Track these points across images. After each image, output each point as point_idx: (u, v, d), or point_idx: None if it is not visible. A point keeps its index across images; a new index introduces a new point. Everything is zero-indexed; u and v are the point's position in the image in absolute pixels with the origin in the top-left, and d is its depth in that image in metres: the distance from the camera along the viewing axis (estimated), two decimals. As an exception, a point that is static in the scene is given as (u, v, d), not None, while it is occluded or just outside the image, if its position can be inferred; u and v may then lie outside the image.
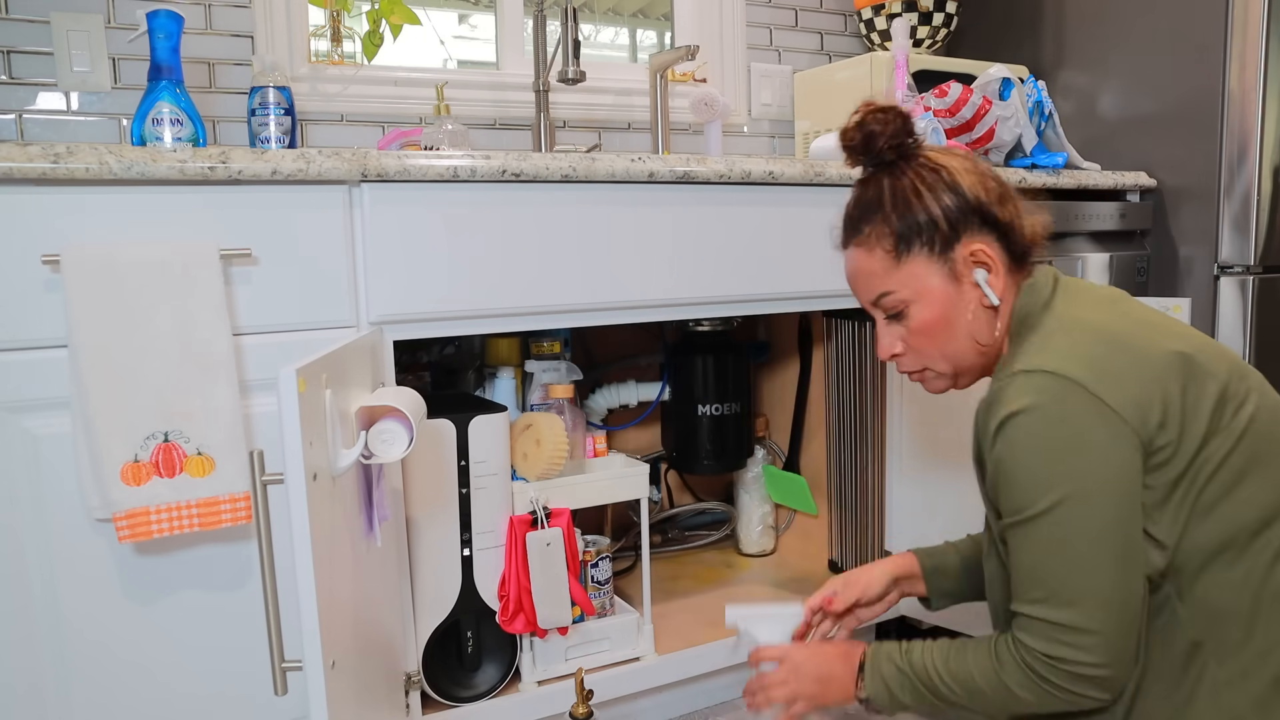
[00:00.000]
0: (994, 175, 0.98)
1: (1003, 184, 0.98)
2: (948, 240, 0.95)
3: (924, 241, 0.96)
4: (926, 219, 0.95)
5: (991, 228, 0.96)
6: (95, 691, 1.08)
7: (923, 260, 0.96)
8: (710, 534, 2.00)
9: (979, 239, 0.96)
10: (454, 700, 1.31)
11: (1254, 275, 1.72)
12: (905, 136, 0.98)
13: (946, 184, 0.95)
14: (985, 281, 0.96)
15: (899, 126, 0.97)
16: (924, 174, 0.96)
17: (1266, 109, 1.67)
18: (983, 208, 0.95)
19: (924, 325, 0.98)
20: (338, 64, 1.73)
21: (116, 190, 1.04)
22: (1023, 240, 0.98)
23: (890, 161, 0.99)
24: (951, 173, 0.96)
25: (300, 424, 0.82)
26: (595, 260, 1.31)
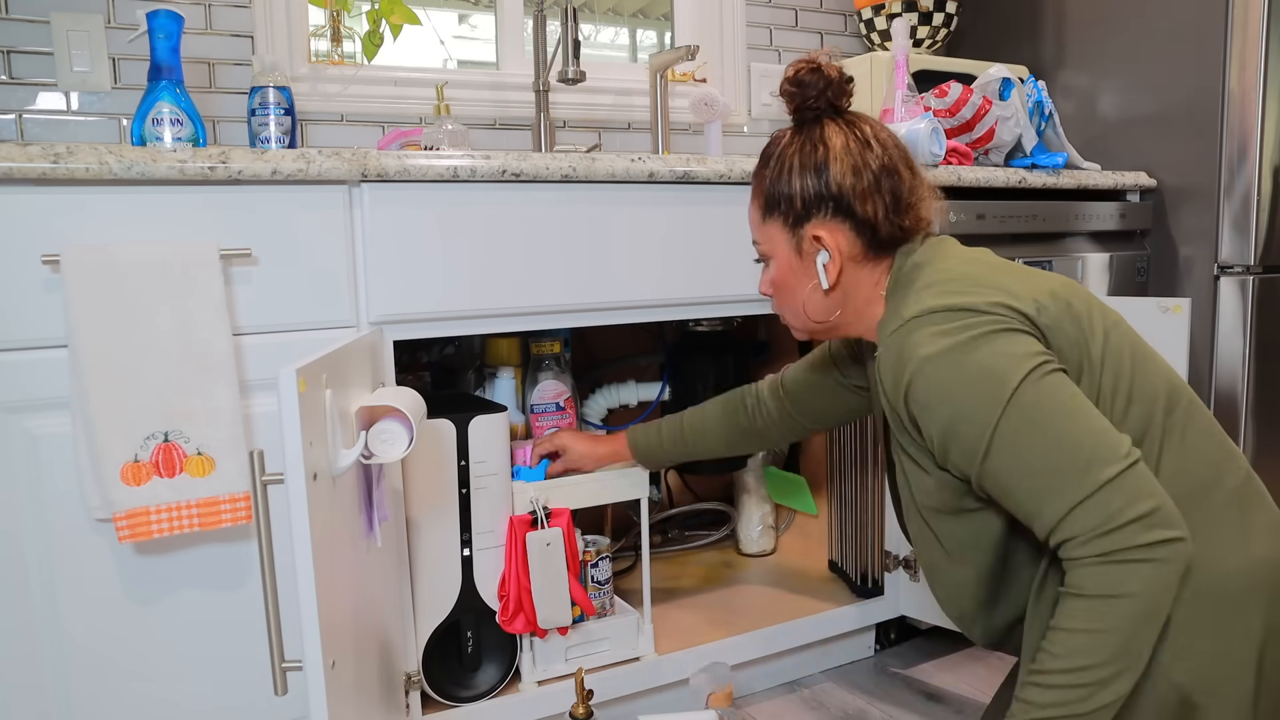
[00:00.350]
0: (878, 165, 1.00)
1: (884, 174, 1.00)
2: (799, 218, 1.01)
3: (781, 212, 1.03)
4: (786, 192, 1.01)
5: (846, 216, 1.00)
6: (95, 691, 1.08)
7: (778, 226, 1.04)
8: (710, 534, 2.00)
9: (827, 225, 1.00)
10: (454, 700, 1.31)
11: (1254, 275, 1.72)
12: (821, 101, 1.02)
13: (816, 165, 1.00)
14: (822, 266, 1.01)
15: (816, 92, 1.01)
16: (808, 147, 1.01)
17: (1266, 109, 1.67)
18: (840, 197, 0.99)
19: (774, 281, 1.07)
20: (338, 64, 1.73)
21: (116, 190, 1.04)
22: (888, 232, 1.00)
23: (810, 119, 1.03)
24: (827, 153, 0.99)
25: (300, 424, 0.82)
26: (595, 260, 1.31)
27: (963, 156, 1.65)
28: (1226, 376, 1.75)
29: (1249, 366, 1.74)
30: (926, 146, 1.52)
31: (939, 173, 1.55)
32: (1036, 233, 1.71)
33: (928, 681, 1.58)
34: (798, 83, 1.02)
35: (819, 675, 1.61)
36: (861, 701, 1.52)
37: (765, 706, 1.52)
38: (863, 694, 1.54)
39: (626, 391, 1.81)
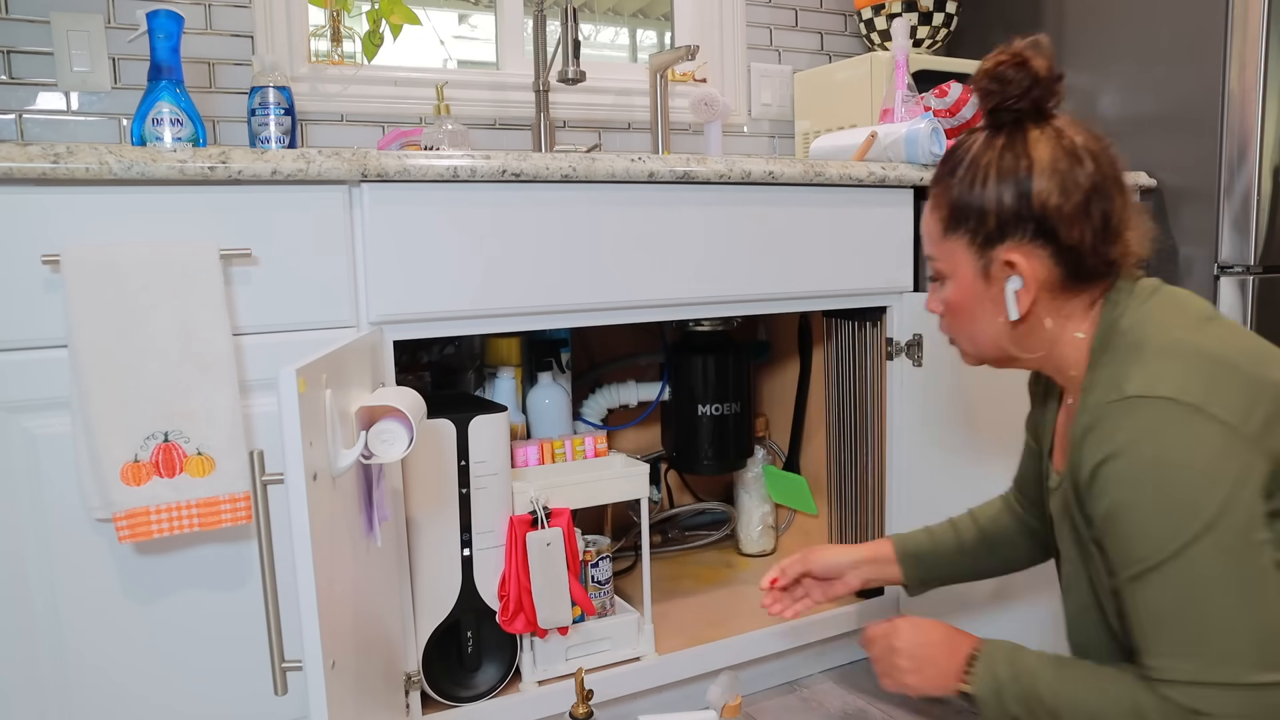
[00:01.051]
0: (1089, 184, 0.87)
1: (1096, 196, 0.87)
2: (990, 238, 0.90)
3: (969, 228, 0.91)
4: (979, 208, 0.90)
5: (1048, 241, 0.88)
6: (95, 691, 1.08)
7: (964, 245, 0.92)
8: (710, 534, 2.00)
9: (1024, 249, 0.89)
10: (454, 700, 1.31)
11: (1254, 275, 1.72)
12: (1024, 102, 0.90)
13: (1018, 178, 0.87)
14: (1013, 294, 0.90)
15: (1020, 90, 0.89)
16: (1008, 157, 0.89)
17: (1266, 109, 1.67)
18: (1044, 218, 0.87)
19: (952, 304, 0.96)
20: (338, 64, 1.73)
21: (116, 190, 1.04)
22: (1094, 263, 0.89)
23: (1009, 122, 0.91)
24: (1031, 167, 0.87)
25: (300, 424, 0.82)
26: (595, 260, 1.31)
27: (963, 156, 1.65)
28: (1226, 376, 1.75)
29: (1249, 366, 1.74)
30: (926, 146, 1.52)
31: (939, 173, 1.55)
32: (1036, 233, 1.71)
33: (928, 681, 1.58)
34: (999, 78, 0.89)
35: (819, 675, 1.61)
36: (861, 701, 1.52)
37: (765, 706, 1.52)
38: (863, 694, 1.54)
39: (626, 391, 1.81)
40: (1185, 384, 0.79)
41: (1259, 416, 0.78)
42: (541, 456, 1.45)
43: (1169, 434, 0.77)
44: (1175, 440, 0.77)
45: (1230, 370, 0.80)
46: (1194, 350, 0.81)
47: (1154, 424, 0.78)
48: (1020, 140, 0.89)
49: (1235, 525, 0.76)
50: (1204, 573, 0.76)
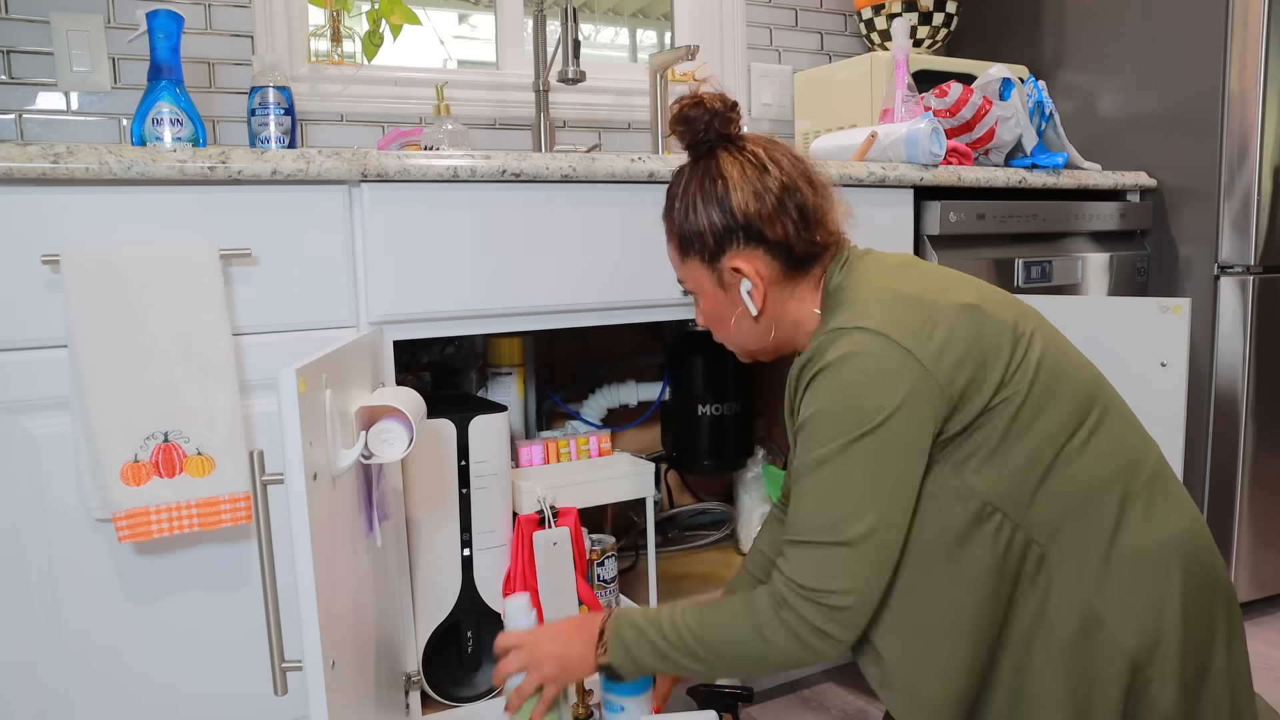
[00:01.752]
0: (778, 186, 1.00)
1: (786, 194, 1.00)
2: (713, 253, 1.02)
3: (696, 249, 1.03)
4: (696, 230, 1.02)
5: (759, 242, 1.00)
6: (95, 691, 1.08)
7: (697, 264, 1.04)
8: (710, 534, 2.00)
9: (743, 254, 1.01)
10: (454, 700, 1.31)
11: (1254, 275, 1.72)
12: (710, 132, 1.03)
13: (717, 198, 1.00)
14: (747, 294, 1.02)
15: (708, 120, 1.02)
16: (706, 182, 1.01)
17: (1266, 109, 1.67)
18: (749, 225, 0.99)
19: (708, 315, 1.08)
20: (338, 64, 1.73)
21: (116, 190, 1.04)
22: (804, 249, 1.01)
23: (704, 152, 1.04)
24: (726, 185, 1.00)
25: (300, 424, 0.82)
26: (595, 260, 1.31)
27: (963, 156, 1.65)
28: (1226, 376, 1.75)
29: (1249, 366, 1.74)
30: (927, 146, 1.52)
31: (939, 173, 1.55)
32: (1036, 233, 1.71)
33: (928, 681, 1.58)
34: (684, 120, 1.03)
35: (819, 675, 1.61)
36: (861, 701, 1.52)
37: (765, 706, 1.52)
38: (863, 694, 1.54)
39: (626, 391, 1.81)
40: (875, 316, 0.93)
41: (938, 338, 0.91)
42: (546, 456, 1.45)
43: (857, 353, 0.91)
44: (860, 359, 0.90)
45: (913, 303, 0.94)
46: (884, 291, 0.96)
47: (847, 346, 0.91)
48: (714, 165, 1.02)
49: (893, 432, 0.89)
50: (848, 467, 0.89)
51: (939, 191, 1.64)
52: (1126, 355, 1.43)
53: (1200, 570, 0.95)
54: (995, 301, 0.97)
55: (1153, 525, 0.94)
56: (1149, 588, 0.92)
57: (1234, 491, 1.77)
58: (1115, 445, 0.95)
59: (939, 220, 1.57)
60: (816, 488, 0.91)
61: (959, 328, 0.93)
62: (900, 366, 0.90)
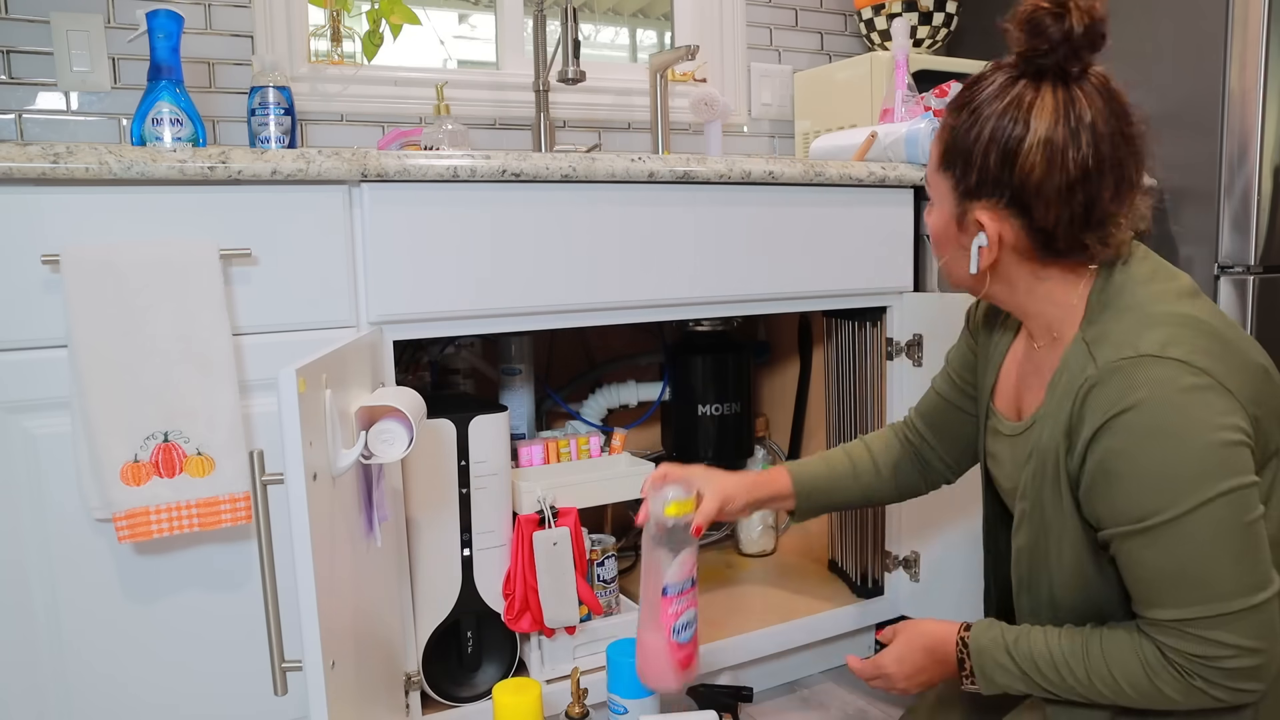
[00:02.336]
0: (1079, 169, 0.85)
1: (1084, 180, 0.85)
2: (969, 191, 0.90)
3: (956, 174, 0.91)
4: (966, 156, 0.88)
5: (1021, 212, 0.87)
6: (95, 691, 1.08)
7: (949, 186, 0.92)
8: (710, 534, 1.99)
9: (996, 212, 0.88)
10: (454, 700, 1.31)
11: (1254, 275, 1.72)
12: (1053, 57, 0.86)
13: (1011, 144, 0.85)
14: (976, 250, 0.91)
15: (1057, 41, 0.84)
16: (1008, 115, 0.86)
17: (1266, 109, 1.67)
18: (1022, 190, 0.86)
19: (932, 228, 0.98)
20: (338, 64, 1.73)
21: (116, 190, 1.04)
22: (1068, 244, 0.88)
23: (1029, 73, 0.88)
24: (1025, 134, 0.85)
25: (300, 424, 0.82)
26: (595, 260, 1.31)
27: (963, 156, 1.65)
28: (1226, 376, 1.75)
29: (1249, 366, 1.74)
30: (926, 146, 1.52)
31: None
32: (1036, 233, 1.71)
33: (928, 681, 1.58)
34: (1033, 26, 0.85)
35: (819, 675, 1.61)
36: (861, 701, 1.52)
37: (765, 706, 1.52)
38: (863, 694, 1.54)
39: (626, 391, 1.81)
40: (1193, 351, 0.81)
41: (1248, 390, 0.82)
42: (546, 456, 1.45)
43: (1182, 396, 0.80)
44: (1189, 402, 0.79)
45: (1225, 344, 0.84)
46: (1194, 320, 0.84)
47: (1169, 383, 0.80)
48: (1030, 98, 0.86)
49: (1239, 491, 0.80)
50: (1208, 534, 0.80)
51: (939, 191, 1.63)
52: (1126, 355, 1.43)
53: None
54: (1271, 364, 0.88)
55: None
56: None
57: (1234, 491, 1.76)
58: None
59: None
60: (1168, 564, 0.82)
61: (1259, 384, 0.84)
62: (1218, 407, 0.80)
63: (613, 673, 1.28)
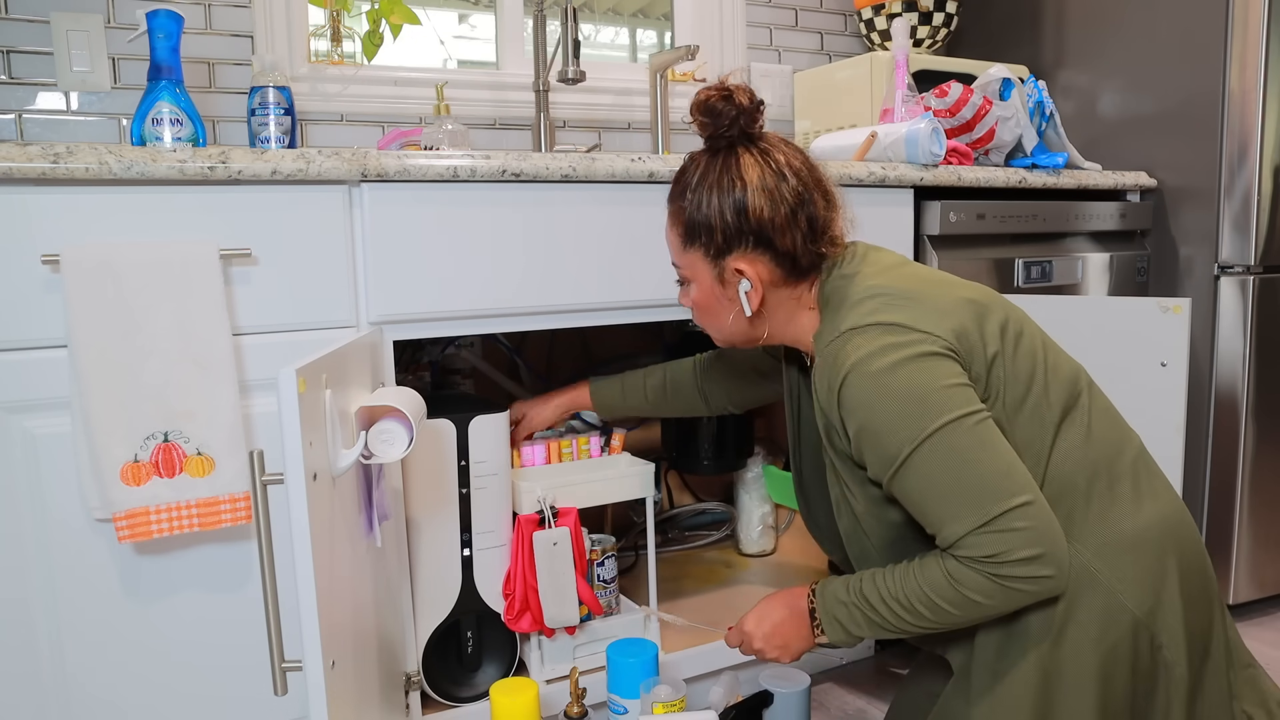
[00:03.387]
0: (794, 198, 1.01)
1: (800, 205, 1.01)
2: (720, 250, 1.03)
3: (703, 243, 1.04)
4: (707, 225, 1.03)
5: (766, 248, 1.02)
6: (95, 691, 1.08)
7: (699, 255, 1.05)
8: (710, 534, 2.00)
9: (748, 257, 1.03)
10: (454, 700, 1.31)
11: (1254, 275, 1.72)
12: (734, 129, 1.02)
13: (735, 199, 1.01)
14: (744, 294, 1.04)
15: (734, 116, 1.01)
16: (725, 180, 1.02)
17: (1266, 109, 1.67)
18: (761, 230, 1.01)
19: (698, 304, 1.09)
20: (338, 64, 1.73)
21: (116, 190, 1.04)
22: (807, 259, 1.03)
23: (724, 147, 1.04)
24: (745, 188, 1.01)
25: (300, 424, 0.82)
26: (595, 260, 1.31)
27: (963, 156, 1.65)
28: (1226, 376, 1.75)
29: (1249, 366, 1.74)
30: (926, 146, 1.52)
31: (939, 173, 1.55)
32: (1037, 233, 1.71)
33: (928, 681, 1.58)
34: (709, 111, 1.02)
35: (819, 675, 1.61)
36: (861, 701, 1.52)
37: (765, 706, 1.52)
38: (863, 694, 1.54)
39: (626, 391, 1.81)
40: (885, 312, 0.96)
41: (947, 327, 0.95)
42: (548, 456, 1.45)
43: (883, 349, 0.94)
44: (889, 352, 0.93)
45: (915, 298, 0.98)
46: (886, 289, 1.00)
47: (868, 344, 0.95)
48: (735, 163, 1.02)
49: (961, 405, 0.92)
50: (950, 448, 0.91)
51: (939, 191, 1.64)
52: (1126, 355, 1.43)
53: (1192, 555, 1.00)
54: (989, 298, 1.02)
55: (1142, 508, 0.99)
56: (1145, 562, 0.96)
57: (1234, 491, 1.77)
58: (1102, 431, 1.01)
59: (939, 220, 1.58)
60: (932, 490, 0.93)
61: (959, 317, 0.97)
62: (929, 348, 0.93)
63: (612, 673, 1.28)
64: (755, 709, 1.33)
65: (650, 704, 1.23)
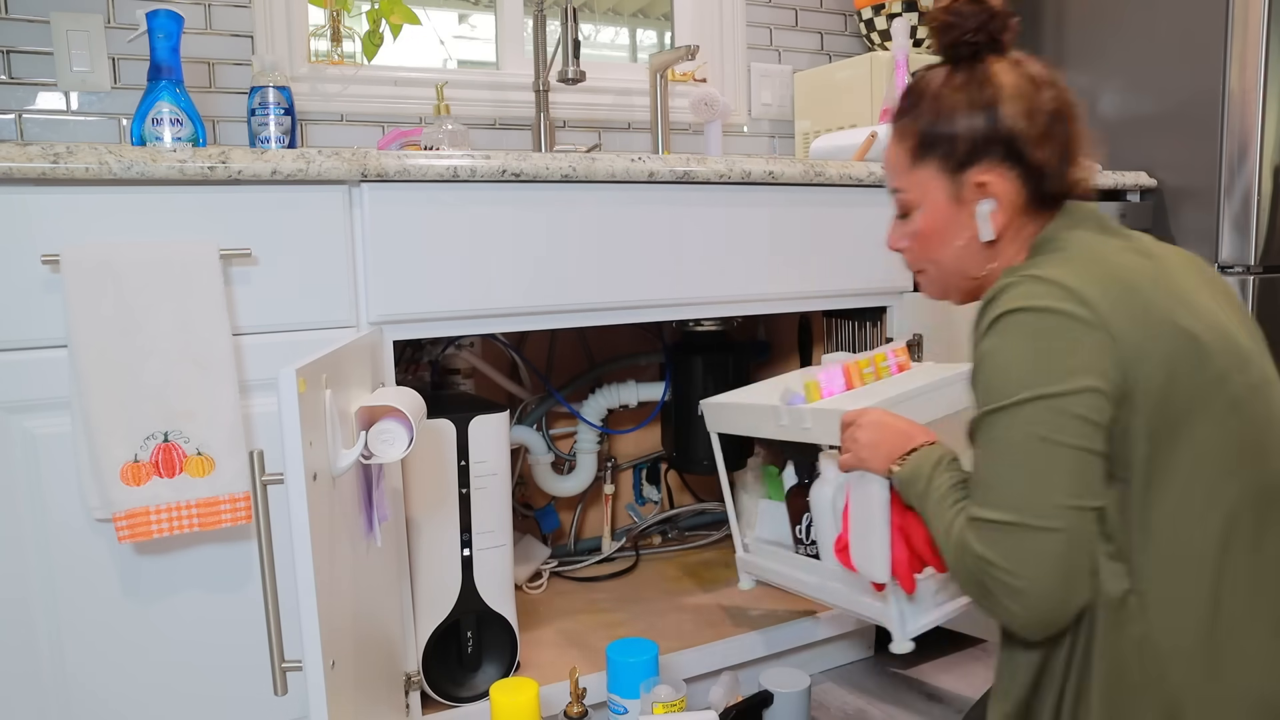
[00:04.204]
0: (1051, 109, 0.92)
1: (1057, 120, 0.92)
2: (962, 162, 0.94)
3: (941, 154, 0.95)
4: (949, 133, 0.93)
5: (1016, 162, 0.92)
6: (95, 691, 1.08)
7: (934, 171, 0.96)
8: (710, 534, 2.00)
9: (995, 170, 0.93)
10: (454, 700, 1.31)
11: (1254, 275, 1.72)
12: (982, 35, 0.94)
13: (985, 103, 0.92)
14: (986, 216, 0.94)
15: (977, 24, 0.93)
16: (973, 86, 0.93)
17: (1266, 109, 1.67)
18: (1013, 140, 0.91)
19: (922, 232, 0.99)
20: (338, 64, 1.73)
21: (116, 190, 1.04)
22: (1056, 185, 0.94)
23: (967, 55, 0.95)
24: (998, 92, 0.92)
25: (300, 424, 0.82)
26: (595, 260, 1.31)
27: (963, 156, 1.65)
28: (1226, 376, 1.75)
29: (1249, 366, 1.74)
30: (926, 146, 1.52)
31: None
32: (1036, 233, 1.71)
33: (927, 681, 1.58)
34: (955, 12, 0.93)
35: (819, 675, 1.61)
36: (861, 702, 1.52)
37: (765, 706, 1.52)
38: (863, 694, 1.54)
39: (626, 391, 1.81)
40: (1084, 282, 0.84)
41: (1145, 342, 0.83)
42: (848, 381, 1.30)
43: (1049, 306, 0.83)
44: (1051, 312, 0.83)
45: (1132, 291, 0.85)
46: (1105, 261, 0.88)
47: (1041, 296, 0.84)
48: (982, 70, 0.94)
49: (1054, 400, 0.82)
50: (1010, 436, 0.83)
51: (939, 191, 1.64)
52: (1126, 355, 1.43)
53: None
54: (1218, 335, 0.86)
55: None
56: None
57: (1234, 491, 1.76)
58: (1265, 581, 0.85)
59: None
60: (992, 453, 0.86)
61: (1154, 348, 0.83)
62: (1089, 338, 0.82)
63: (613, 673, 1.28)
64: (755, 709, 1.33)
65: (650, 704, 1.22)
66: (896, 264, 1.55)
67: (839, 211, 1.49)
